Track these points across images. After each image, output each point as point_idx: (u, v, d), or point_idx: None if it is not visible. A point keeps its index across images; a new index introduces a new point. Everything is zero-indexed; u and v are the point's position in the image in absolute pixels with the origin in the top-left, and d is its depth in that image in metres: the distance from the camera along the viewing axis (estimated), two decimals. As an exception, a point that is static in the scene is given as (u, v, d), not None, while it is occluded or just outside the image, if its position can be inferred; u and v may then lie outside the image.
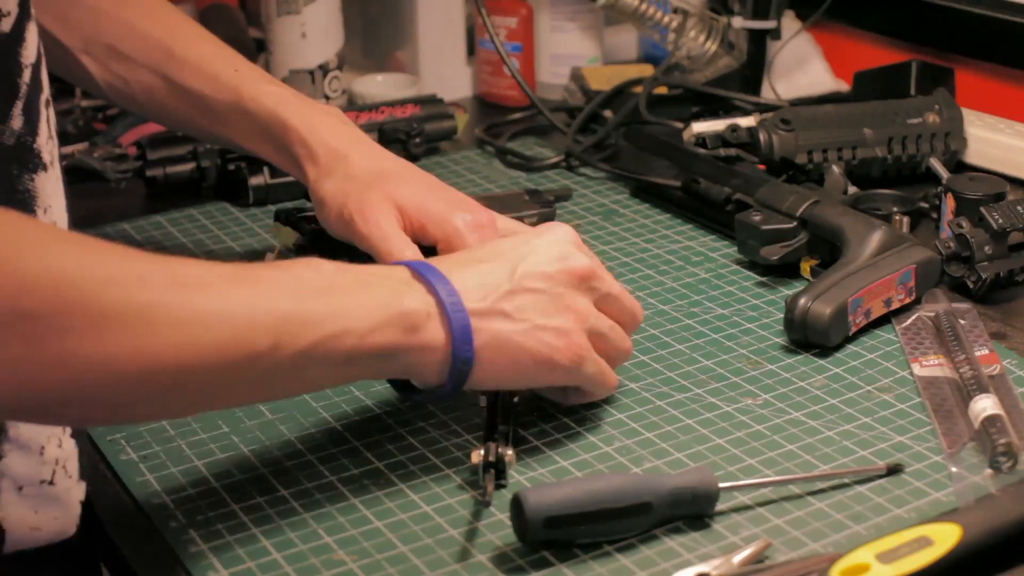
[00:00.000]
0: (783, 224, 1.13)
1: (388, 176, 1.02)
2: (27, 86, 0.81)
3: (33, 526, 0.82)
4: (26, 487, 0.82)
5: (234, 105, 1.07)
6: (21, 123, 0.81)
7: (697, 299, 1.11)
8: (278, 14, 1.46)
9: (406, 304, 0.82)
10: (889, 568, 0.74)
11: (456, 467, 0.89)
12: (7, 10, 0.80)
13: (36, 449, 0.82)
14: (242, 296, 0.76)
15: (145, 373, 0.72)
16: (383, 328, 0.81)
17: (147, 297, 0.72)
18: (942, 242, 1.10)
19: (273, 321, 0.76)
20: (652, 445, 0.91)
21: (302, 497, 0.87)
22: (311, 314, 0.78)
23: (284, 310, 0.77)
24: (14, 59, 0.81)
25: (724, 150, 1.31)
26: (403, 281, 0.84)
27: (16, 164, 0.81)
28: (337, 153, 1.04)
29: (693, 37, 1.53)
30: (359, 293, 0.81)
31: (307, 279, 0.80)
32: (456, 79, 1.60)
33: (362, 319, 0.80)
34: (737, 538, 0.81)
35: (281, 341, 0.76)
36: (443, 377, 0.84)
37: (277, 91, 1.08)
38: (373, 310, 0.81)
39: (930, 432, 0.92)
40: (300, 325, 0.77)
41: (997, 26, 1.44)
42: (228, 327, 0.74)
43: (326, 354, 0.79)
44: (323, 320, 0.78)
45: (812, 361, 1.01)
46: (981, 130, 1.34)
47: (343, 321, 0.79)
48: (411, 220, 1.00)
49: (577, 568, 0.79)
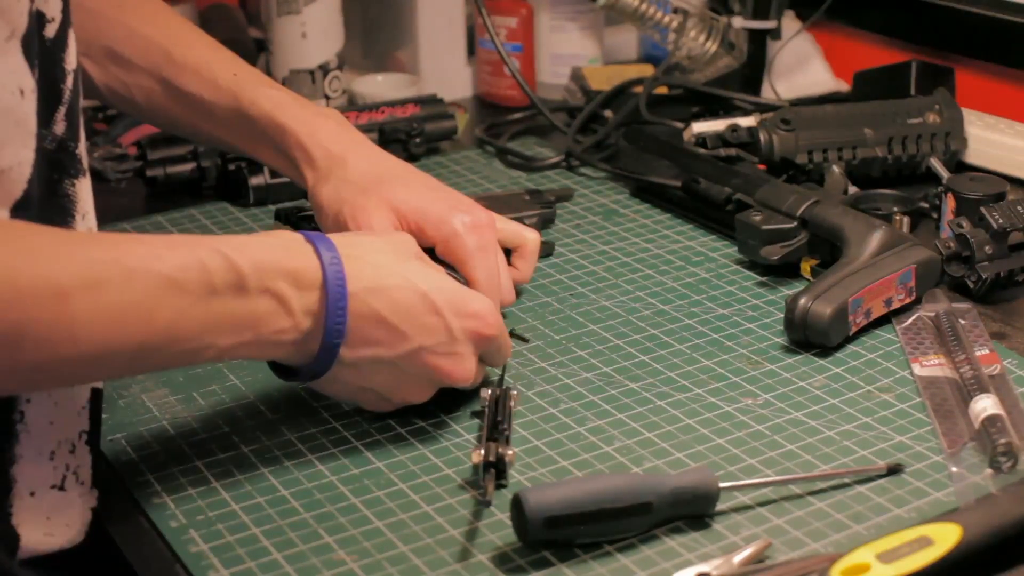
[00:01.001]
0: (783, 224, 1.13)
1: (385, 179, 1.02)
2: (70, 92, 0.81)
3: (46, 531, 0.82)
4: (38, 492, 0.81)
5: (233, 109, 1.07)
6: (64, 128, 0.81)
7: (697, 299, 1.11)
8: (278, 14, 1.46)
9: (282, 337, 0.82)
10: (889, 568, 0.74)
11: (456, 467, 0.89)
12: (52, 16, 0.80)
13: (47, 454, 0.82)
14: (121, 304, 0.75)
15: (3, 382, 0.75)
16: (248, 347, 0.82)
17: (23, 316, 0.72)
18: (942, 242, 1.10)
19: (140, 336, 0.76)
20: (652, 445, 0.91)
21: (302, 497, 0.87)
22: (183, 330, 0.78)
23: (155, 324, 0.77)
24: (59, 65, 0.81)
25: (724, 150, 1.31)
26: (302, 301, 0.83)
27: (57, 170, 0.81)
28: (334, 157, 1.04)
29: (693, 37, 1.53)
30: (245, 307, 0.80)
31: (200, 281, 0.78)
32: (456, 79, 1.60)
33: (229, 337, 0.80)
34: (737, 538, 0.81)
35: (142, 352, 0.77)
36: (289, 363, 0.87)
37: (276, 95, 1.08)
38: (245, 330, 0.81)
39: (930, 432, 0.92)
40: (167, 341, 0.78)
41: (997, 26, 1.44)
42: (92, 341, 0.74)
43: (185, 360, 0.81)
44: (192, 336, 0.79)
45: (812, 361, 1.01)
46: (981, 130, 1.34)
47: (210, 338, 0.79)
48: (408, 223, 1.00)
49: (577, 568, 0.79)
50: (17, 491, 0.81)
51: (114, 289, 0.74)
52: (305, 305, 0.82)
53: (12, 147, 0.77)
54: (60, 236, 0.77)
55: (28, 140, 0.78)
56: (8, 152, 0.77)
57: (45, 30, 0.80)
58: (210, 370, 1.01)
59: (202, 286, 0.78)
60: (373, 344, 0.86)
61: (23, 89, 0.77)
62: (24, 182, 0.78)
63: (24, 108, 0.77)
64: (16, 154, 0.77)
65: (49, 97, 0.80)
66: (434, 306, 0.87)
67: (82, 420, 0.85)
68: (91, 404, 0.86)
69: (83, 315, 0.73)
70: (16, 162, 0.77)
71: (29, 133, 0.78)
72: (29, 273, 0.72)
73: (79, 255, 0.74)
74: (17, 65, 0.76)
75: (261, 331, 0.81)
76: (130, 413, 0.96)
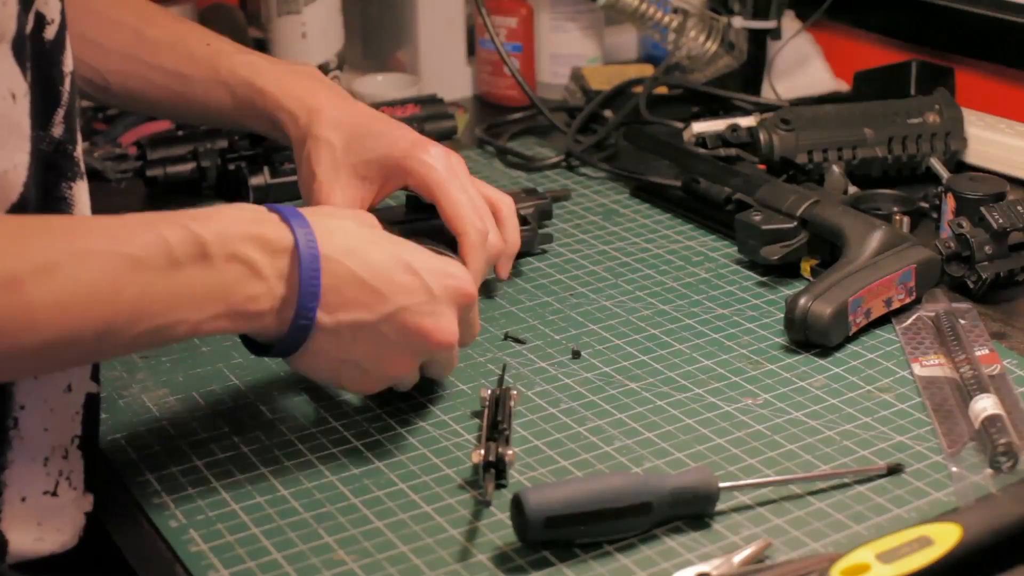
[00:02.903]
0: (783, 224, 1.13)
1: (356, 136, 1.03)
2: (68, 94, 0.81)
3: (37, 537, 0.82)
4: (30, 498, 0.81)
5: (211, 80, 1.07)
6: (62, 131, 0.81)
7: (697, 299, 1.11)
8: (278, 14, 1.46)
9: (254, 305, 0.80)
10: (889, 568, 0.74)
11: (456, 467, 0.89)
12: (51, 18, 0.80)
13: (40, 460, 0.82)
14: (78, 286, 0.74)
15: None
16: (220, 319, 0.79)
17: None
18: (942, 242, 1.10)
19: (106, 315, 0.75)
20: (652, 445, 0.91)
21: (302, 497, 0.87)
22: (149, 305, 0.76)
23: (120, 302, 0.75)
24: (57, 67, 0.80)
25: (724, 150, 1.31)
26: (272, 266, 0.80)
27: (54, 172, 0.81)
28: (312, 111, 1.04)
29: (693, 37, 1.53)
30: (212, 276, 0.78)
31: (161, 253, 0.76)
32: (456, 79, 1.60)
33: (200, 311, 0.78)
34: (737, 538, 0.81)
35: (109, 332, 0.76)
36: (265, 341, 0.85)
37: (251, 60, 1.08)
38: (216, 302, 0.79)
39: (930, 432, 0.92)
40: (133, 317, 0.76)
41: (997, 26, 1.44)
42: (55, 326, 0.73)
43: (158, 339, 0.79)
44: (160, 311, 0.77)
45: (812, 361, 1.01)
46: (981, 130, 1.34)
47: (181, 313, 0.78)
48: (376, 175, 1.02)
49: (577, 568, 0.79)
50: (8, 497, 0.81)
51: (70, 272, 0.73)
52: (277, 269, 0.80)
53: (6, 151, 0.76)
54: (11, 223, 0.75)
55: (22, 144, 0.77)
56: (1, 156, 0.76)
57: (44, 32, 0.79)
58: (210, 370, 1.01)
59: (164, 260, 0.76)
60: (351, 307, 0.83)
61: (15, 93, 0.76)
62: (20, 186, 0.78)
63: (17, 112, 0.77)
64: (10, 158, 0.77)
65: (47, 99, 0.80)
66: (410, 266, 0.85)
67: (75, 425, 0.84)
68: (85, 409, 0.85)
69: (41, 301, 0.72)
70: (11, 166, 0.77)
71: (23, 137, 0.77)
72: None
73: (32, 241, 0.73)
74: (7, 69, 0.76)
75: (232, 300, 0.79)
76: (130, 413, 0.96)
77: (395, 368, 0.87)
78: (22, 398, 0.81)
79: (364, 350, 0.85)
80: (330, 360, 0.85)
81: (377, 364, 0.86)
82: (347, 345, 0.84)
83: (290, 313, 0.81)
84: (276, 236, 0.80)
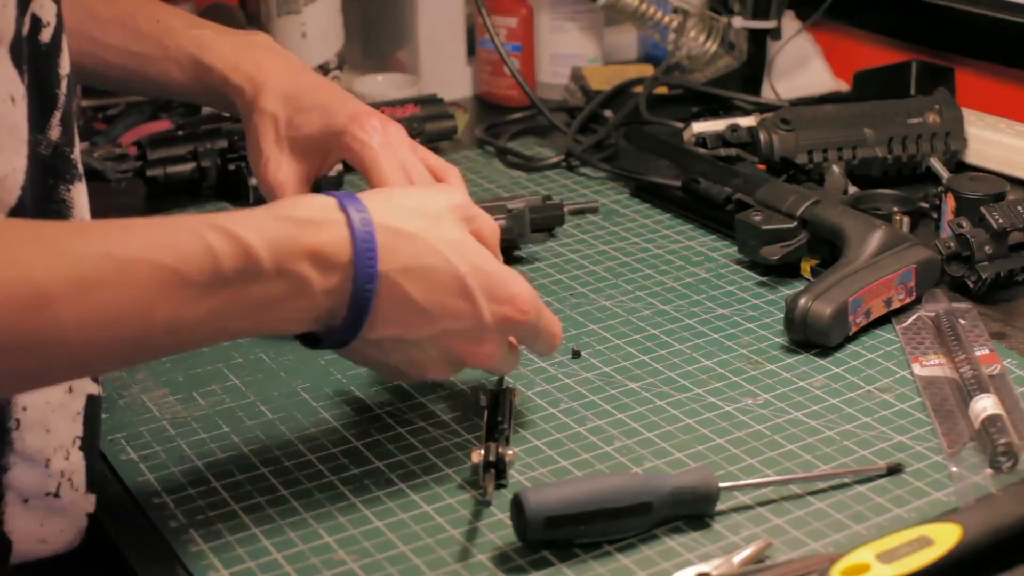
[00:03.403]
0: (783, 224, 1.13)
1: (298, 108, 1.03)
2: (64, 96, 0.80)
3: (39, 538, 0.82)
4: (32, 499, 0.81)
5: (161, 57, 1.07)
6: (59, 133, 0.80)
7: (697, 299, 1.11)
8: (278, 14, 1.46)
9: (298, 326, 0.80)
10: (889, 568, 0.74)
11: (456, 467, 0.89)
12: (47, 20, 0.79)
13: (42, 461, 0.81)
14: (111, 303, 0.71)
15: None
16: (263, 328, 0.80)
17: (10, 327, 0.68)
18: (942, 242, 1.10)
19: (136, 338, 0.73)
20: (652, 445, 0.91)
21: (302, 497, 0.87)
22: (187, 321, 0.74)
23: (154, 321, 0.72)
24: (53, 70, 0.80)
25: (724, 150, 1.31)
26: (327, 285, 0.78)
27: (52, 175, 0.80)
28: (258, 83, 1.04)
29: (693, 37, 1.53)
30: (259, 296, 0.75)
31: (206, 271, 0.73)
32: (456, 79, 1.60)
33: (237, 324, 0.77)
34: (737, 538, 0.81)
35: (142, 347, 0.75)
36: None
37: (199, 34, 1.08)
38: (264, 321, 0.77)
39: (930, 432, 0.92)
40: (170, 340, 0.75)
41: (997, 26, 1.44)
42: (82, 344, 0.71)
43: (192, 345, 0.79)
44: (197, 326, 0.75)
45: (812, 361, 1.01)
46: (981, 130, 1.34)
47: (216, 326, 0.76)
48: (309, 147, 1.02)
49: (577, 568, 0.79)
50: (10, 499, 0.80)
51: (105, 288, 0.70)
52: (328, 286, 0.77)
53: (4, 155, 0.76)
54: (40, 230, 0.72)
55: (20, 147, 0.77)
56: (1, 160, 0.76)
57: (40, 35, 0.79)
58: (210, 370, 1.01)
59: (209, 275, 0.72)
60: (396, 326, 0.81)
61: (13, 96, 0.76)
62: (18, 189, 0.77)
63: (15, 115, 0.76)
64: (9, 162, 0.76)
65: (44, 102, 0.79)
66: (467, 290, 0.82)
67: (77, 426, 0.84)
68: (86, 410, 0.84)
69: (71, 319, 0.69)
70: (9, 170, 0.76)
71: (21, 140, 0.77)
72: (4, 277, 0.67)
73: (63, 251, 0.70)
74: (6, 72, 0.75)
75: (274, 315, 0.77)
76: (130, 413, 0.96)
77: (433, 373, 0.86)
78: (24, 400, 0.81)
79: (402, 358, 0.84)
80: (367, 359, 0.85)
81: (413, 369, 0.85)
82: (386, 352, 0.83)
83: (334, 324, 0.80)
84: (334, 251, 0.77)
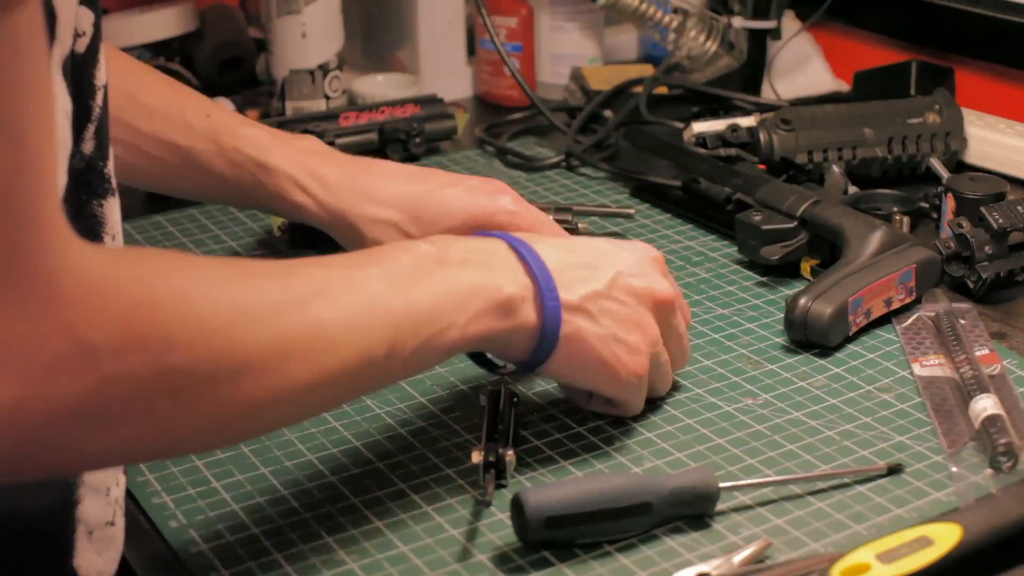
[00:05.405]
0: (783, 224, 1.13)
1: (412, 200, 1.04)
2: (99, 108, 0.77)
3: (99, 570, 0.80)
4: (95, 531, 0.79)
5: (212, 152, 1.05)
6: (93, 147, 0.77)
7: (697, 299, 1.11)
8: (278, 14, 1.46)
9: (505, 290, 0.83)
10: (889, 568, 0.74)
11: (456, 467, 0.89)
12: (83, 30, 0.76)
13: (103, 491, 0.79)
14: (357, 302, 0.76)
15: (279, 405, 0.72)
16: (483, 316, 0.82)
17: (280, 330, 0.70)
18: (942, 242, 1.10)
19: (389, 328, 0.77)
20: (652, 445, 0.91)
21: (302, 497, 0.87)
22: (420, 313, 0.79)
23: (396, 313, 0.77)
24: (88, 81, 0.76)
25: (724, 150, 1.31)
26: (502, 260, 0.85)
27: (85, 190, 0.77)
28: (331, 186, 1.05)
29: (693, 37, 1.53)
30: (459, 277, 0.82)
31: (407, 266, 0.80)
32: (456, 79, 1.60)
33: (464, 311, 0.81)
34: (737, 538, 0.81)
35: (395, 346, 0.77)
36: (525, 355, 0.86)
37: (256, 134, 1.06)
38: (474, 299, 0.82)
39: (930, 432, 0.92)
40: (412, 327, 0.78)
41: (997, 26, 1.44)
42: (350, 343, 0.74)
43: (433, 350, 0.80)
44: (431, 319, 0.79)
45: (812, 361, 1.01)
46: (981, 130, 1.34)
47: (448, 316, 0.80)
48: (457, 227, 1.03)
49: (577, 568, 0.79)
50: (80, 532, 0.78)
51: (343, 293, 0.75)
52: (505, 261, 0.85)
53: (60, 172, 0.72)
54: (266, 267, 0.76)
55: (65, 164, 0.74)
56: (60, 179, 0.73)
57: (76, 44, 0.76)
58: (210, 370, 1.01)
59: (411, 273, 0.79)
60: (579, 282, 0.86)
61: (67, 111, 0.73)
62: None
63: (65, 130, 0.73)
64: (61, 180, 0.73)
65: (79, 115, 0.75)
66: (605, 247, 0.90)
67: None
68: None
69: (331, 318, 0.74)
70: (60, 187, 0.72)
71: (66, 157, 0.74)
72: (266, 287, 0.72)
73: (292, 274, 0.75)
74: (61, 86, 0.73)
75: (485, 293, 0.82)
76: (130, 413, 0.96)
77: (648, 330, 0.89)
78: None
79: (612, 318, 0.88)
80: (590, 341, 0.87)
81: (631, 329, 0.88)
82: (597, 317, 0.87)
83: (539, 301, 0.84)
84: (491, 244, 0.86)
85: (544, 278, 0.85)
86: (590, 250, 0.90)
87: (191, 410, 0.67)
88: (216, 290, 0.69)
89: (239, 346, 0.68)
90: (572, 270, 0.87)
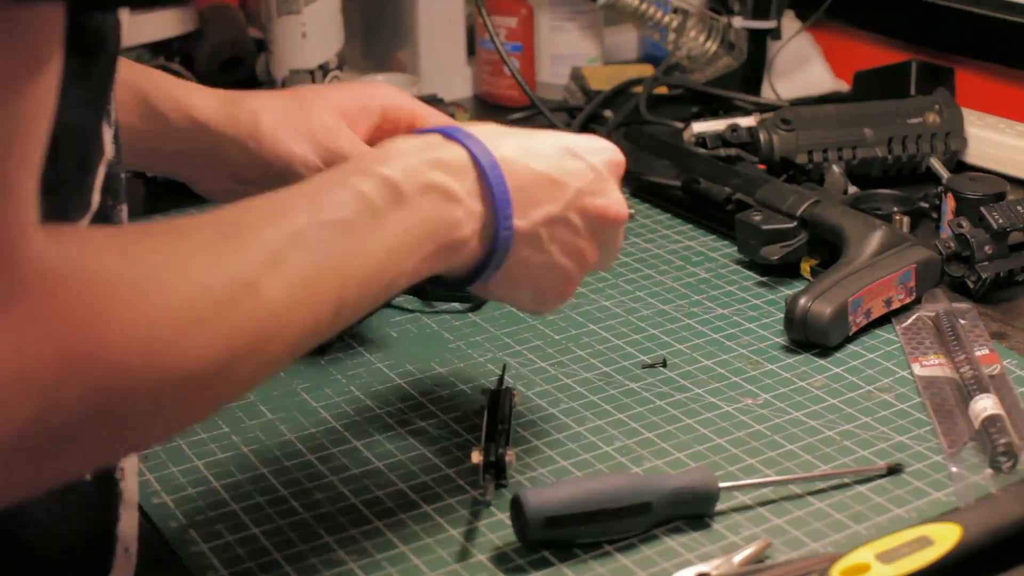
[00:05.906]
0: (783, 224, 1.13)
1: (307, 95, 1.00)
2: (116, 112, 0.74)
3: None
4: (130, 547, 0.77)
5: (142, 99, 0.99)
6: (113, 152, 0.74)
7: (697, 299, 1.11)
8: (278, 14, 1.46)
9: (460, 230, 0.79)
10: (889, 568, 0.74)
11: (456, 467, 0.89)
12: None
13: (135, 507, 0.77)
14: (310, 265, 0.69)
15: (218, 409, 0.68)
16: (432, 258, 0.78)
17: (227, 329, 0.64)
18: (942, 242, 1.10)
19: (337, 290, 0.71)
20: (652, 445, 0.91)
21: (302, 497, 0.87)
22: (371, 266, 0.73)
23: (347, 271, 0.72)
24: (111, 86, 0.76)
25: (724, 150, 1.31)
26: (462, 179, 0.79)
27: (111, 195, 0.74)
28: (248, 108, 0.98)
29: (693, 37, 1.53)
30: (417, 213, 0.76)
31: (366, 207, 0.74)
32: (456, 79, 1.60)
33: (414, 254, 0.76)
34: (737, 538, 0.81)
35: (342, 307, 0.72)
36: (459, 277, 0.82)
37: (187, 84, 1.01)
38: (428, 239, 0.77)
39: (930, 432, 0.92)
40: (361, 282, 0.73)
41: (997, 26, 1.44)
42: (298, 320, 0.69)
43: (375, 298, 0.75)
44: (382, 268, 0.74)
45: (812, 361, 1.01)
46: (981, 130, 1.34)
47: (398, 264, 0.75)
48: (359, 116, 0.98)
49: (577, 568, 0.79)
50: (118, 550, 0.76)
51: (292, 259, 0.68)
52: (467, 188, 0.79)
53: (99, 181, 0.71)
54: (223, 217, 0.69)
55: (103, 170, 0.72)
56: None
57: None
58: (210, 370, 1.01)
59: (368, 215, 0.73)
60: (540, 203, 0.82)
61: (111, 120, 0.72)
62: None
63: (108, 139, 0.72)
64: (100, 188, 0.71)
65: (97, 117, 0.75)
66: (571, 150, 0.85)
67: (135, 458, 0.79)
68: None
69: (278, 298, 0.66)
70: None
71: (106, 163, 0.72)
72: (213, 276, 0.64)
73: (247, 234, 0.67)
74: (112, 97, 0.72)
75: (439, 233, 0.77)
76: (130, 413, 0.96)
77: (588, 257, 0.86)
78: None
79: (559, 246, 0.84)
80: (531, 269, 0.84)
81: (572, 258, 0.85)
82: (544, 245, 0.84)
83: (490, 229, 0.80)
84: (452, 156, 0.80)
85: (502, 200, 0.80)
86: (553, 154, 0.84)
87: (129, 436, 0.63)
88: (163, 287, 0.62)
89: (182, 361, 0.61)
90: (535, 187, 0.82)
